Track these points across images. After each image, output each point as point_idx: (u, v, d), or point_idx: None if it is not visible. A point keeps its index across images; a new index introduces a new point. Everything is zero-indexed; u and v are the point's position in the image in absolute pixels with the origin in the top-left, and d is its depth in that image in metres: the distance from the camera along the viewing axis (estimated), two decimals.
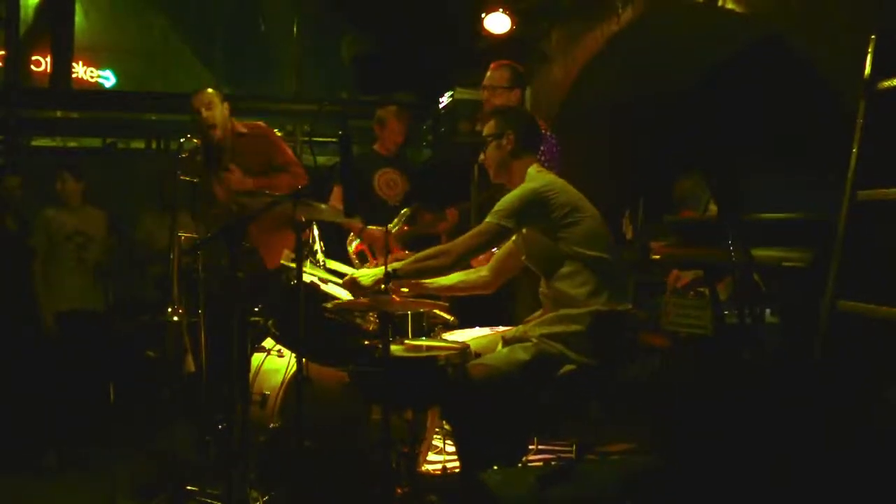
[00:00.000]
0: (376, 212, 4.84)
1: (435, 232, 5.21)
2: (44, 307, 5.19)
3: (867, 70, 2.83)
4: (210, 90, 4.34)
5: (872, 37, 2.83)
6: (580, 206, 3.16)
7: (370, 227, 4.75)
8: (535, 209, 3.10)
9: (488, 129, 3.37)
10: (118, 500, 3.71)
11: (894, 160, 2.80)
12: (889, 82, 2.75)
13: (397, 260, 4.74)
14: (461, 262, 3.24)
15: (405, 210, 4.82)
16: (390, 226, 4.78)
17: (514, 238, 3.32)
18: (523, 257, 3.35)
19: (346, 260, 4.83)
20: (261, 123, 4.51)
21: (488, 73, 4.36)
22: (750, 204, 4.25)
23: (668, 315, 3.70)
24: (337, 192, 4.89)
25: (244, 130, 4.37)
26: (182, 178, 3.95)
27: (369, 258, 4.88)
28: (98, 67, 14.63)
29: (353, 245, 4.92)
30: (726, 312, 3.71)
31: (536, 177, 3.24)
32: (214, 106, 4.23)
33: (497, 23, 5.72)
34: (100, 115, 8.54)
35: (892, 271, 2.71)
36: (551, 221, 3.09)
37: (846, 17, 3.38)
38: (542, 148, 3.71)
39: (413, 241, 4.96)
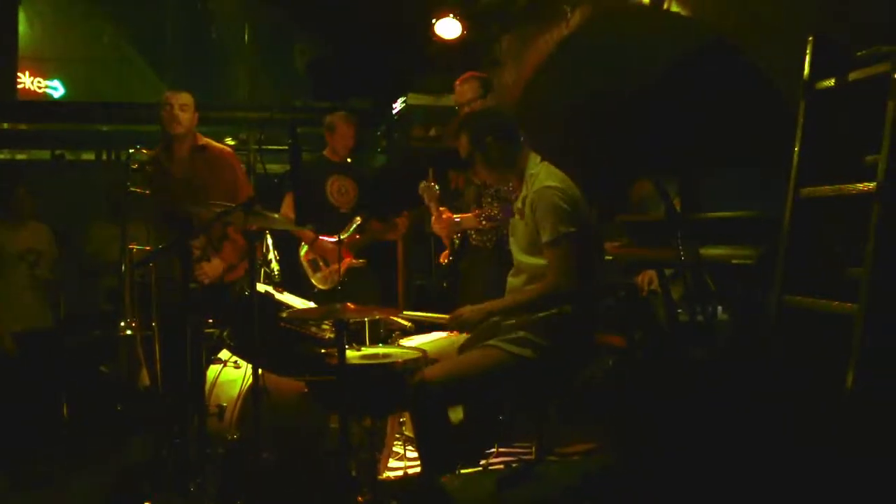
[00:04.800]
0: (328, 219, 4.83)
1: (385, 239, 5.21)
2: (4, 331, 5.05)
3: (806, 71, 2.90)
4: (188, 93, 4.26)
5: (810, 38, 2.90)
6: (582, 210, 3.08)
7: (321, 237, 4.74)
8: (574, 204, 3.01)
9: (463, 147, 3.26)
10: None
11: (834, 158, 2.87)
12: (827, 82, 2.82)
13: (350, 267, 4.78)
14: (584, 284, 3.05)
15: (357, 219, 4.82)
16: (342, 235, 4.80)
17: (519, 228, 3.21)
18: (513, 248, 3.27)
19: (297, 266, 4.83)
20: (229, 150, 4.43)
21: (457, 90, 4.35)
22: (702, 204, 4.34)
23: None
24: (288, 200, 4.86)
25: (203, 144, 4.31)
26: (133, 189, 3.90)
27: (321, 266, 4.88)
28: (45, 77, 14.36)
29: (304, 251, 4.92)
30: (679, 311, 3.78)
31: (546, 172, 3.13)
32: (187, 109, 4.17)
33: (448, 28, 5.73)
34: (49, 126, 8.37)
35: (835, 266, 2.78)
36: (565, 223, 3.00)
37: (784, 20, 3.45)
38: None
39: (363, 249, 4.96)
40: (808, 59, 2.89)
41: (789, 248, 2.85)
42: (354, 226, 4.88)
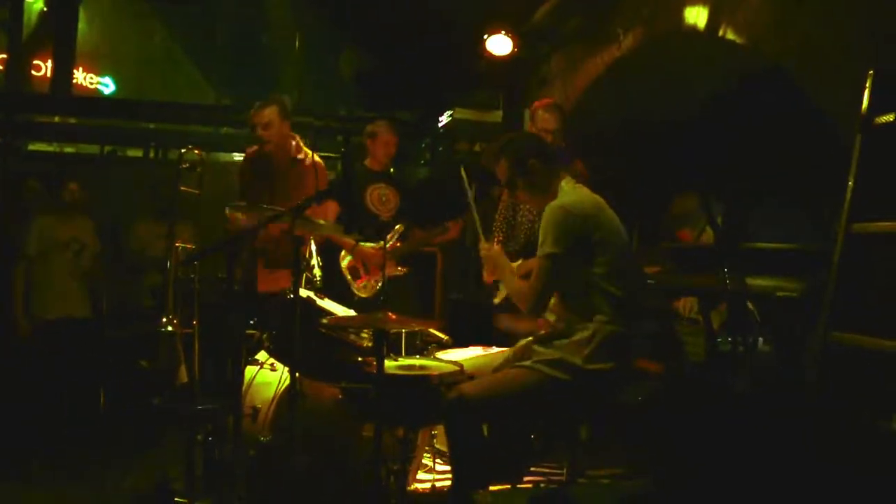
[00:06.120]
0: (368, 227, 4.84)
1: (430, 246, 5.21)
2: (21, 312, 5.16)
3: (864, 105, 2.86)
4: (270, 109, 4.34)
5: (871, 72, 2.87)
6: (611, 230, 3.09)
7: (363, 243, 4.76)
8: (571, 227, 3.01)
9: (503, 171, 3.27)
10: None
11: (889, 194, 2.83)
12: (886, 117, 2.78)
13: (392, 275, 4.79)
14: (538, 309, 3.15)
15: (398, 227, 4.83)
16: (380, 243, 4.80)
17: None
18: None
19: (334, 274, 4.84)
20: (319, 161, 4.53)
21: (538, 115, 4.34)
22: (747, 232, 4.29)
23: None
24: (329, 208, 4.86)
25: (301, 157, 4.42)
26: (183, 189, 3.96)
27: (361, 274, 4.89)
28: (98, 74, 14.64)
29: (346, 261, 4.93)
30: (719, 340, 3.74)
31: (568, 191, 3.16)
32: (272, 125, 4.26)
33: (499, 45, 5.77)
34: (98, 122, 8.53)
35: (885, 303, 2.73)
36: (583, 242, 3.02)
37: (845, 52, 3.42)
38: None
39: (406, 257, 4.97)
40: (867, 93, 2.86)
41: (838, 283, 2.81)
42: (397, 234, 4.88)
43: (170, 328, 3.79)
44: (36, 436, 4.75)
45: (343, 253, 4.93)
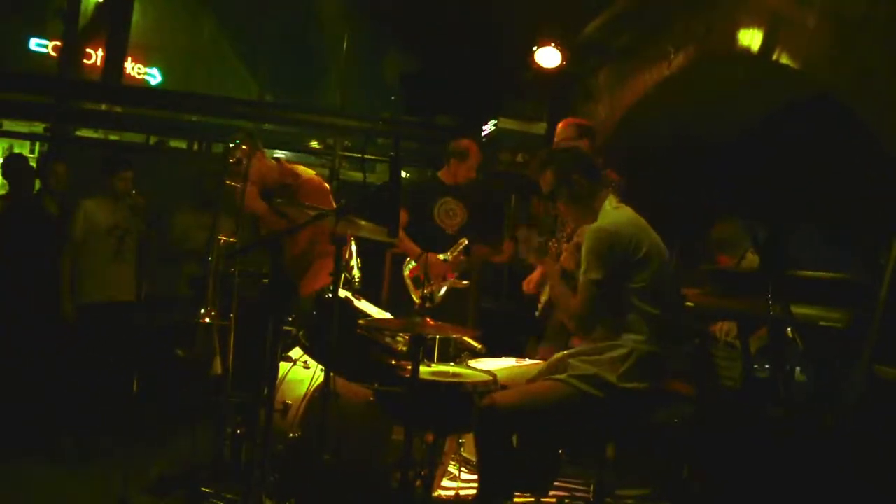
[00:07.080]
0: (432, 239, 4.82)
1: (491, 261, 5.19)
2: (66, 296, 5.23)
3: None
4: (239, 151, 4.08)
5: None
6: (652, 250, 3.08)
7: (431, 255, 4.73)
8: (613, 249, 3.01)
9: (547, 182, 3.28)
10: (131, 494, 3.72)
11: None
12: None
13: (453, 287, 4.77)
14: (587, 331, 3.16)
15: (463, 240, 4.80)
16: (446, 255, 4.79)
17: None
18: None
19: (379, 281, 4.84)
20: (314, 176, 4.40)
21: (557, 129, 4.35)
22: (789, 259, 4.22)
23: None
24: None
25: (290, 182, 4.25)
26: (228, 182, 3.97)
27: (424, 283, 4.88)
28: (146, 65, 14.85)
29: (409, 269, 4.92)
30: (755, 366, 3.68)
31: (609, 213, 3.17)
32: (248, 164, 4.05)
33: (548, 57, 5.76)
34: (145, 111, 8.66)
35: None
36: (625, 262, 3.02)
37: None
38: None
39: (468, 272, 4.93)
40: None
41: (884, 315, 2.76)
42: (461, 247, 4.85)
43: (207, 319, 3.80)
44: (67, 416, 4.81)
45: (408, 260, 4.92)
